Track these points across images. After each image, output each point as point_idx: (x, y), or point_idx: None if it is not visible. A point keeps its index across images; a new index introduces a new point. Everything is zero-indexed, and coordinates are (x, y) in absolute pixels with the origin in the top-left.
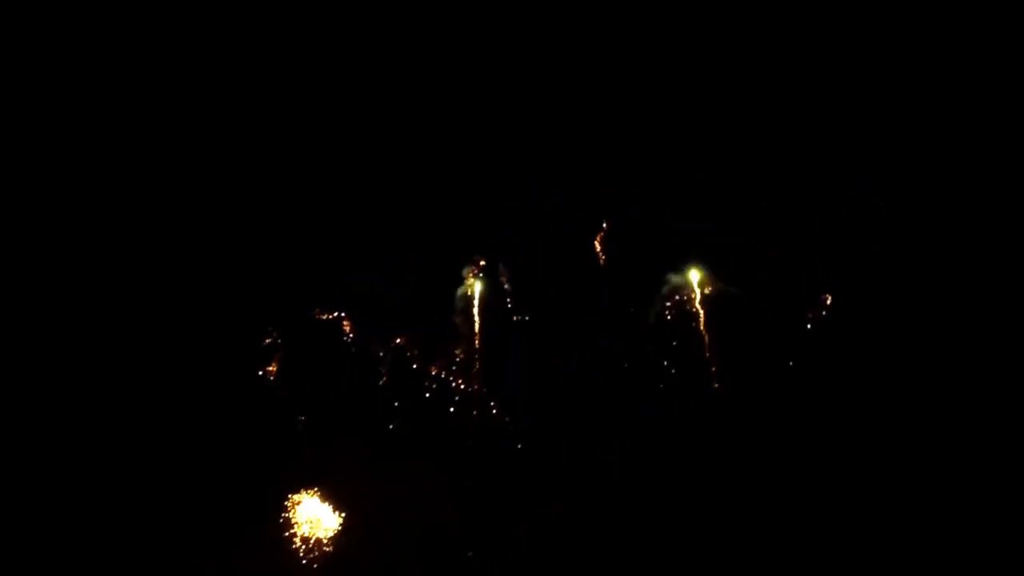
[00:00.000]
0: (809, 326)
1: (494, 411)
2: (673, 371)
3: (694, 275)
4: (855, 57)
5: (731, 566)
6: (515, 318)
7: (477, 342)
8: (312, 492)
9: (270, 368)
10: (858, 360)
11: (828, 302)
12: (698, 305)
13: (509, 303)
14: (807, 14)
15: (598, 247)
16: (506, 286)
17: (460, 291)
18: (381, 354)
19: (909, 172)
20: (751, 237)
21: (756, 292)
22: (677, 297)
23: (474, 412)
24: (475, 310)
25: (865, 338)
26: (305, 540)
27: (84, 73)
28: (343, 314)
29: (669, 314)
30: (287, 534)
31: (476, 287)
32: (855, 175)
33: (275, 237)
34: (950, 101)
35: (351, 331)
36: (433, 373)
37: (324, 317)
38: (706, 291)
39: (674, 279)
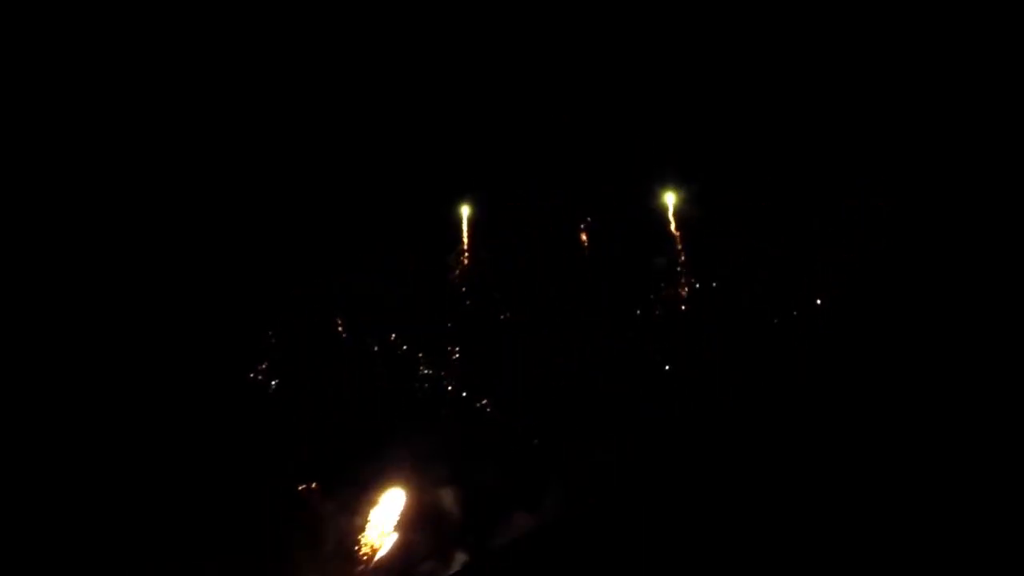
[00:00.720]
0: (809, 326)
1: (493, 411)
2: (673, 371)
3: (694, 275)
4: (855, 57)
5: (731, 566)
6: (514, 317)
7: (476, 342)
8: (309, 492)
9: (266, 367)
10: (858, 360)
11: (828, 302)
12: (698, 305)
13: (508, 302)
14: (807, 14)
15: (598, 247)
16: (505, 285)
17: (459, 291)
18: (379, 354)
19: (909, 172)
20: (751, 237)
21: (756, 292)
22: (677, 297)
23: (472, 412)
24: (474, 310)
25: (865, 338)
26: (303, 540)
27: (84, 73)
28: (341, 314)
29: (669, 314)
30: (284, 534)
31: (475, 286)
32: (855, 175)
33: (274, 237)
34: (950, 101)
35: (350, 331)
36: (431, 373)
37: (322, 317)
38: (707, 291)
39: (674, 279)
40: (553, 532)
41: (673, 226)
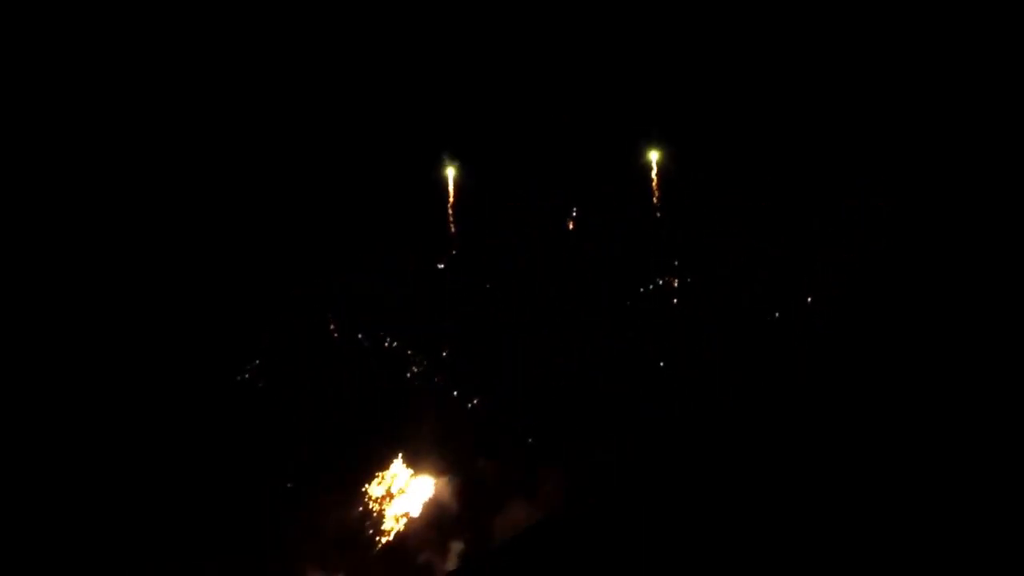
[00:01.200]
0: (809, 326)
1: (491, 407)
2: (673, 371)
3: (695, 274)
4: (855, 57)
5: (731, 566)
6: (514, 318)
7: (476, 342)
8: (308, 487)
9: (264, 366)
10: (858, 360)
11: (827, 302)
12: (699, 305)
13: (509, 303)
14: (807, 14)
15: (599, 247)
16: (506, 286)
17: (460, 291)
18: (377, 351)
19: (909, 172)
20: (751, 237)
21: (756, 292)
22: (678, 297)
23: (471, 408)
24: (475, 310)
25: (865, 338)
26: (302, 534)
27: (84, 73)
28: (340, 312)
29: (670, 314)
30: (284, 528)
31: (476, 286)
32: (855, 175)
33: (273, 237)
34: (949, 101)
35: (348, 329)
36: (432, 373)
37: (320, 316)
38: (707, 291)
39: (675, 279)
40: (552, 532)
41: (671, 225)
